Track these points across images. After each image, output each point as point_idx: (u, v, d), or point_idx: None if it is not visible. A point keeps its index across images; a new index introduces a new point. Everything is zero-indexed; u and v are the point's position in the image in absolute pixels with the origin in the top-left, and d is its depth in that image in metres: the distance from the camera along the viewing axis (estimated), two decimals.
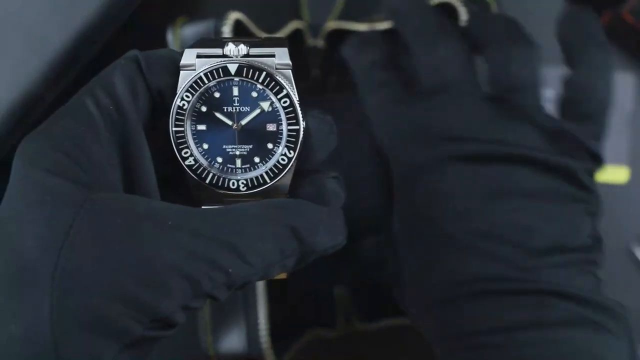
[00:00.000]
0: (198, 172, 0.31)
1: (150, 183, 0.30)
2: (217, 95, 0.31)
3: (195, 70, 0.30)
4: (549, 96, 0.58)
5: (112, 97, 0.29)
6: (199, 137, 0.31)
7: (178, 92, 0.30)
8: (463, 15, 0.46)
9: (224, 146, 0.31)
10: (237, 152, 0.31)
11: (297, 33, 0.51)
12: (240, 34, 0.46)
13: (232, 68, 0.30)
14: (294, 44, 0.51)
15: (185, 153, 0.31)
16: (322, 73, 0.51)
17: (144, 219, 0.27)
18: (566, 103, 0.42)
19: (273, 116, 0.31)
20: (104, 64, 0.32)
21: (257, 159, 0.31)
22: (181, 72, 0.30)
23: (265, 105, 0.30)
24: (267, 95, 0.30)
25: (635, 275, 0.56)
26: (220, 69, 0.30)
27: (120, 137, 0.29)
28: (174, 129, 0.30)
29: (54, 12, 0.47)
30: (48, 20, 0.47)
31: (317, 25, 0.52)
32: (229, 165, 0.31)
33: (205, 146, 0.31)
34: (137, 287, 0.26)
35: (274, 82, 0.30)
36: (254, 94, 0.30)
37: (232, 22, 0.46)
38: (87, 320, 0.25)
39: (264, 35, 0.32)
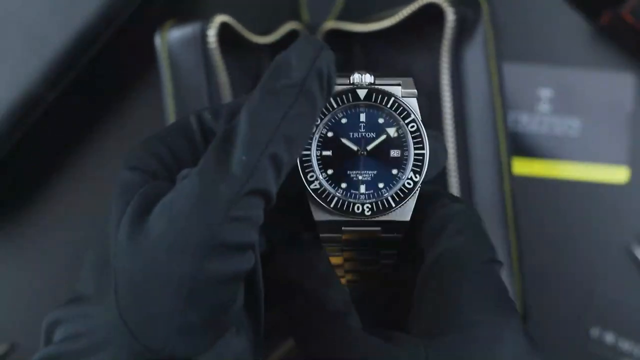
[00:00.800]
0: (322, 196, 0.31)
1: None
2: (344, 121, 0.31)
3: None
4: (548, 96, 0.58)
5: (214, 115, 0.30)
6: (324, 162, 0.31)
7: None
8: (450, 15, 0.46)
9: (349, 172, 0.31)
10: (361, 178, 0.31)
11: (293, 34, 0.51)
12: (228, 37, 0.46)
13: (362, 93, 0.31)
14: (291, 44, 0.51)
15: (311, 177, 0.31)
16: None
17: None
18: None
19: (398, 142, 0.31)
20: (104, 64, 0.32)
21: (381, 185, 0.31)
22: None
23: (392, 131, 0.31)
24: (394, 121, 0.31)
25: (635, 275, 0.56)
26: (349, 94, 0.31)
27: None
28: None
29: (54, 13, 0.47)
30: (48, 21, 0.47)
31: (314, 25, 0.52)
32: (352, 191, 0.31)
33: (330, 172, 0.31)
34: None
35: (401, 108, 0.31)
36: (381, 120, 0.31)
37: (217, 25, 0.46)
38: (144, 309, 0.26)
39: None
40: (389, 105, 0.31)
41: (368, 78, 0.31)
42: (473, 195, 0.48)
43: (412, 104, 0.31)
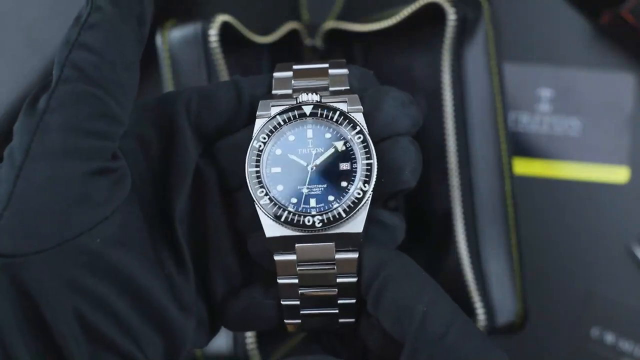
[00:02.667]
0: (273, 211, 0.31)
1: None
2: (291, 138, 0.32)
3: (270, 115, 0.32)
4: (548, 96, 0.58)
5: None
6: (273, 179, 0.32)
7: (254, 134, 0.31)
8: (451, 15, 0.46)
9: (299, 187, 0.31)
10: (312, 192, 0.31)
11: (293, 33, 0.51)
12: (229, 37, 0.46)
13: (307, 109, 0.31)
14: (290, 44, 0.51)
15: (261, 193, 0.31)
16: None
17: None
18: None
19: (346, 155, 0.32)
20: None
21: (331, 197, 0.31)
22: (257, 120, 0.32)
23: (339, 144, 0.32)
24: (341, 135, 0.32)
25: (635, 275, 0.56)
26: (295, 111, 0.31)
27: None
28: (249, 169, 0.31)
29: (53, 13, 0.47)
30: (48, 21, 0.47)
31: (314, 25, 0.52)
32: (303, 206, 0.31)
33: (280, 187, 0.32)
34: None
35: (347, 120, 0.31)
36: (328, 135, 0.32)
37: (219, 24, 0.46)
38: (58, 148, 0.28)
39: (320, 64, 0.34)
40: (334, 119, 0.31)
41: (314, 97, 0.32)
42: (473, 195, 0.48)
43: (359, 118, 0.31)
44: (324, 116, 0.31)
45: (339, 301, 0.32)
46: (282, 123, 0.31)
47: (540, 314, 0.54)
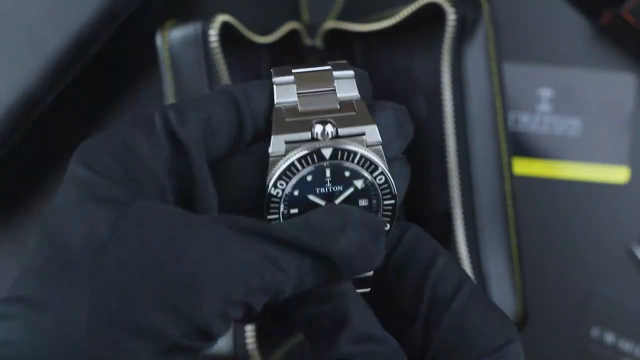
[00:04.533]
0: None
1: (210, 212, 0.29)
2: (309, 178, 0.30)
3: (284, 155, 0.29)
4: (548, 96, 0.58)
5: (180, 118, 0.28)
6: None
7: (270, 180, 0.29)
8: (450, 15, 0.46)
9: None
10: None
11: (293, 33, 0.51)
12: (229, 37, 0.46)
13: (327, 153, 0.30)
14: (290, 44, 0.51)
15: None
16: None
17: (186, 224, 0.26)
18: None
19: (366, 193, 0.30)
20: (104, 64, 0.32)
21: None
22: (270, 159, 0.29)
23: (359, 183, 0.30)
24: (361, 174, 0.30)
25: (635, 275, 0.56)
26: (314, 155, 0.29)
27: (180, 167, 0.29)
28: (268, 217, 0.30)
29: (53, 13, 0.47)
30: (47, 21, 0.47)
31: (314, 25, 0.52)
32: None
33: None
34: (176, 293, 0.26)
35: (368, 162, 0.30)
36: (347, 174, 0.30)
37: (219, 24, 0.46)
38: (124, 321, 0.25)
39: (325, 66, 0.32)
40: (355, 162, 0.30)
41: (330, 129, 0.29)
42: (473, 196, 0.48)
43: (378, 151, 0.30)
44: (344, 158, 0.30)
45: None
46: (299, 167, 0.29)
47: (540, 314, 0.54)
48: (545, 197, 0.57)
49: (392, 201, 0.30)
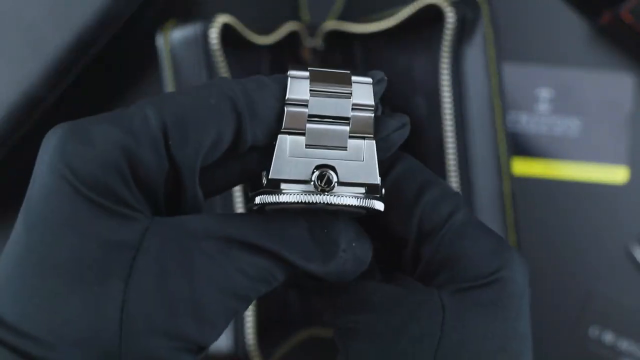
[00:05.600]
0: None
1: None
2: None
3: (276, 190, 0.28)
4: (547, 96, 0.58)
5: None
6: None
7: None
8: (450, 16, 0.46)
9: None
10: None
11: (293, 34, 0.51)
12: (229, 37, 0.46)
13: (318, 206, 0.28)
14: (291, 45, 0.51)
15: None
16: None
17: (196, 244, 0.26)
18: None
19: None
20: (104, 64, 0.32)
21: None
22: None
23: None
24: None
25: (635, 275, 0.56)
26: (304, 205, 0.28)
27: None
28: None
29: (53, 13, 0.47)
30: (48, 21, 0.47)
31: (314, 25, 0.52)
32: None
33: None
34: (188, 324, 0.26)
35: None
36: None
37: (220, 25, 0.46)
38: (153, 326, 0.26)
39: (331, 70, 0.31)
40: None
41: (331, 177, 0.28)
42: (473, 195, 0.48)
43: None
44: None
45: None
46: (288, 204, 0.28)
47: (540, 314, 0.54)
48: (544, 197, 0.57)
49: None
